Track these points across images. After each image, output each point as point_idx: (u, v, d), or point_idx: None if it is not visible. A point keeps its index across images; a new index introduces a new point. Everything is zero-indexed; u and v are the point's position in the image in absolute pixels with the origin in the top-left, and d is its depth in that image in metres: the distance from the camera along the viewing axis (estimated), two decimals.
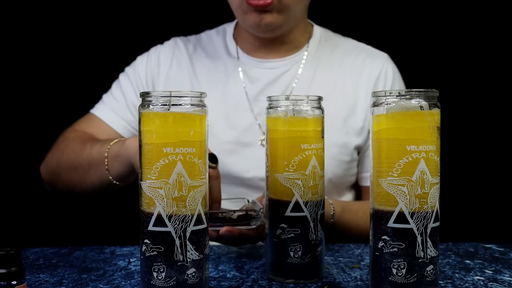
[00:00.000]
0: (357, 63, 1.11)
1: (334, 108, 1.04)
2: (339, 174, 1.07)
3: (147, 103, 0.58)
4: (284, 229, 0.67)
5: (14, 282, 0.55)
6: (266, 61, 1.10)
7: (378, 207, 0.60)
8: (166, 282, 0.57)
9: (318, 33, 1.14)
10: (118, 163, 0.90)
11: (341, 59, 1.12)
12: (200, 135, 0.59)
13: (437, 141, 0.59)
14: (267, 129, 0.70)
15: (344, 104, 1.07)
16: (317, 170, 0.68)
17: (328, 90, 1.06)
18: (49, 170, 1.08)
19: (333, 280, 0.70)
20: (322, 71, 1.10)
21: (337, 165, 1.06)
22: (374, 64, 1.11)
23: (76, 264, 0.78)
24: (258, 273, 0.73)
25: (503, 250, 0.86)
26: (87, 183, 1.00)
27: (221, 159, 0.89)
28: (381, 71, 1.10)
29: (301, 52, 1.11)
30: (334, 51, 1.13)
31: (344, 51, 1.13)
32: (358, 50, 1.14)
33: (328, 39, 1.15)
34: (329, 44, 1.14)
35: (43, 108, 1.52)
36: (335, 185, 1.08)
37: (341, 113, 1.07)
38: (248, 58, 1.10)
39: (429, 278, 0.59)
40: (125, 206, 1.25)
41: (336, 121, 1.05)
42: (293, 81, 1.08)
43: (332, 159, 1.04)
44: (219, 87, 1.09)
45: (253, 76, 1.09)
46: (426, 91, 0.59)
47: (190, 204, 0.57)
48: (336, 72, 1.10)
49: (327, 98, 1.11)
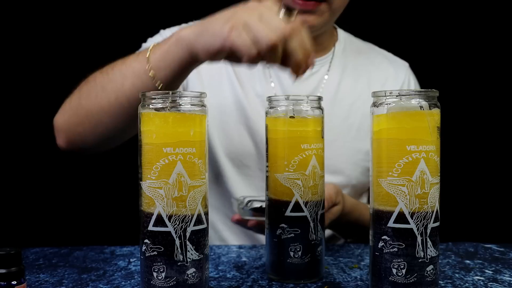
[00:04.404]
0: (381, 71, 1.13)
1: (361, 115, 1.07)
2: (363, 181, 1.08)
3: (147, 103, 0.58)
4: (284, 229, 0.67)
5: (14, 282, 0.55)
6: None
7: (378, 207, 0.60)
8: (166, 282, 0.57)
9: (342, 36, 1.15)
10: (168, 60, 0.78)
11: (365, 65, 1.13)
12: (200, 135, 0.59)
13: (437, 141, 0.59)
14: (267, 129, 0.70)
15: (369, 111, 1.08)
16: (317, 170, 0.68)
17: (354, 97, 1.08)
18: (69, 116, 0.92)
19: (333, 280, 0.69)
20: (348, 76, 1.10)
21: (361, 172, 1.07)
22: (397, 73, 1.13)
23: (76, 264, 0.78)
24: (258, 273, 0.73)
25: (503, 250, 0.86)
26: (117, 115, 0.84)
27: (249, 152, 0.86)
28: (404, 81, 1.13)
29: (328, 55, 1.11)
30: (358, 57, 1.14)
31: (368, 57, 1.14)
32: (380, 57, 1.16)
33: (352, 43, 1.16)
34: (353, 48, 1.15)
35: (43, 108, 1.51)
36: (356, 190, 1.09)
37: (367, 120, 1.07)
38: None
39: (429, 278, 0.59)
40: (125, 206, 1.25)
41: (361, 128, 1.07)
42: (321, 84, 1.08)
43: (357, 166, 1.06)
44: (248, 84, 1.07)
45: (280, 75, 1.08)
46: (426, 91, 0.59)
47: (190, 204, 0.57)
48: (362, 78, 1.11)
49: (353, 104, 1.13)
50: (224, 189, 1.07)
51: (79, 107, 0.89)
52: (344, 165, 1.06)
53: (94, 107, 0.85)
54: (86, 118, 0.88)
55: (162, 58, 0.78)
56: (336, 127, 1.08)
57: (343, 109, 1.09)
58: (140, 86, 0.79)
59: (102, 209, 1.50)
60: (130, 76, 0.81)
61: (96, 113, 0.86)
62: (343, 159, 1.07)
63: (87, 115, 0.87)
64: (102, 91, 0.84)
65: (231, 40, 0.68)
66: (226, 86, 1.07)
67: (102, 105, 0.84)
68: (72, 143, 0.94)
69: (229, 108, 1.07)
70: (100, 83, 0.85)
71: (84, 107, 0.87)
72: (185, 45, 0.74)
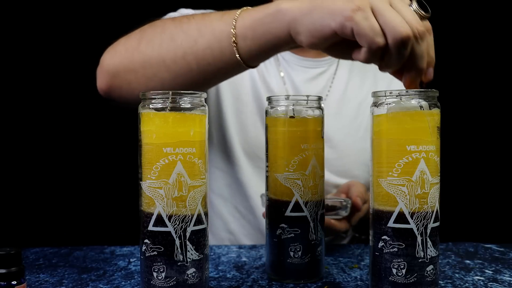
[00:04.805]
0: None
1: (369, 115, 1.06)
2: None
3: (147, 103, 0.58)
4: (284, 229, 0.67)
5: (14, 282, 0.55)
6: (306, 59, 1.09)
7: (378, 207, 0.60)
8: (166, 282, 0.57)
9: None
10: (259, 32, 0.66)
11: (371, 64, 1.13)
12: (200, 135, 0.59)
13: (437, 141, 0.59)
14: (267, 129, 0.70)
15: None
16: (317, 170, 0.68)
17: (362, 96, 1.08)
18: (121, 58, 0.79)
19: (333, 280, 0.69)
20: (356, 75, 1.10)
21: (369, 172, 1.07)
22: None
23: (76, 264, 0.78)
24: (258, 273, 0.73)
25: (503, 250, 0.86)
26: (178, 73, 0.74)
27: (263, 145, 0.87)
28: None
29: None
30: None
31: None
32: None
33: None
34: None
35: (43, 107, 1.52)
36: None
37: None
38: (287, 53, 1.09)
39: (429, 278, 0.59)
40: (125, 206, 1.25)
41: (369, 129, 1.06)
42: (329, 83, 1.08)
43: (365, 166, 1.07)
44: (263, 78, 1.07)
45: (291, 73, 1.08)
46: (426, 91, 0.59)
47: (190, 204, 0.57)
48: (369, 78, 1.11)
49: (361, 103, 1.13)
50: (235, 179, 1.05)
51: (137, 51, 0.76)
52: (352, 165, 1.06)
53: (155, 56, 0.74)
54: (141, 66, 0.75)
55: (252, 27, 0.66)
56: (345, 127, 1.08)
57: (351, 109, 1.09)
58: (216, 51, 0.68)
59: (102, 209, 1.50)
60: (208, 35, 0.69)
61: (155, 64, 0.74)
62: (351, 159, 1.06)
63: (144, 63, 0.75)
64: (170, 41, 0.72)
65: (355, 22, 0.57)
66: (246, 74, 1.04)
67: (164, 57, 0.73)
68: (115, 89, 0.81)
69: (246, 97, 1.05)
70: (170, 31, 0.73)
71: (143, 53, 0.75)
72: (286, 21, 0.63)
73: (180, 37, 0.72)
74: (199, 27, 0.71)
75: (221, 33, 0.68)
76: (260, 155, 1.04)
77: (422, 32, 0.58)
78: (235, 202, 1.06)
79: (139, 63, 0.75)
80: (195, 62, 0.71)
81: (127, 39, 0.79)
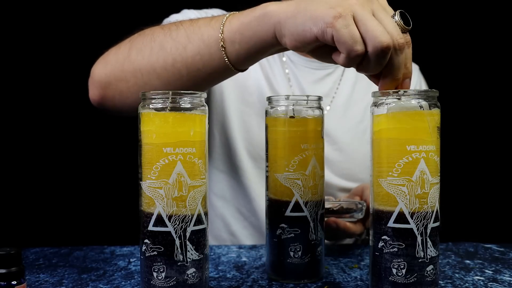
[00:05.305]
0: None
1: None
2: None
3: (147, 103, 0.58)
4: (284, 229, 0.67)
5: (14, 282, 0.55)
6: (312, 60, 1.08)
7: (378, 207, 0.60)
8: (166, 282, 0.57)
9: None
10: (246, 36, 0.66)
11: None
12: (200, 135, 0.59)
13: (437, 141, 0.59)
14: (267, 129, 0.70)
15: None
16: (317, 170, 0.68)
17: (368, 98, 1.07)
18: (112, 69, 0.79)
19: (333, 280, 0.69)
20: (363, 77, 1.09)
21: None
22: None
23: (76, 264, 0.78)
24: (258, 273, 0.73)
25: (503, 250, 0.86)
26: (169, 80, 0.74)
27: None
28: (416, 84, 1.14)
29: None
30: None
31: None
32: None
33: None
34: None
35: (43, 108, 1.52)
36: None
37: None
38: (293, 55, 1.09)
39: (429, 278, 0.59)
40: (125, 206, 1.25)
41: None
42: (336, 85, 1.08)
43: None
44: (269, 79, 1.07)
45: (297, 74, 1.08)
46: (426, 91, 0.59)
47: (190, 204, 0.57)
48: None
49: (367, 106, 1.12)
50: (238, 181, 1.05)
51: (127, 61, 0.77)
52: (358, 169, 1.06)
53: (145, 65, 0.74)
54: (132, 76, 0.76)
55: (239, 30, 0.67)
56: (351, 129, 1.07)
57: (358, 111, 1.08)
58: (206, 56, 0.69)
59: (102, 209, 1.50)
60: (197, 41, 0.70)
61: (146, 73, 0.74)
62: (357, 162, 1.06)
63: (135, 72, 0.75)
64: (160, 49, 0.73)
65: (335, 29, 0.57)
66: (251, 75, 1.04)
67: (155, 66, 0.73)
68: (107, 100, 0.82)
69: (251, 98, 1.04)
70: (159, 39, 0.74)
71: (133, 62, 0.76)
72: (271, 24, 0.64)
73: (170, 44, 0.72)
74: (187, 34, 0.71)
75: (209, 38, 0.69)
76: (264, 156, 1.04)
77: (402, 44, 0.59)
78: (238, 204, 1.06)
79: (130, 72, 0.76)
80: (185, 69, 0.72)
81: (117, 49, 0.80)
